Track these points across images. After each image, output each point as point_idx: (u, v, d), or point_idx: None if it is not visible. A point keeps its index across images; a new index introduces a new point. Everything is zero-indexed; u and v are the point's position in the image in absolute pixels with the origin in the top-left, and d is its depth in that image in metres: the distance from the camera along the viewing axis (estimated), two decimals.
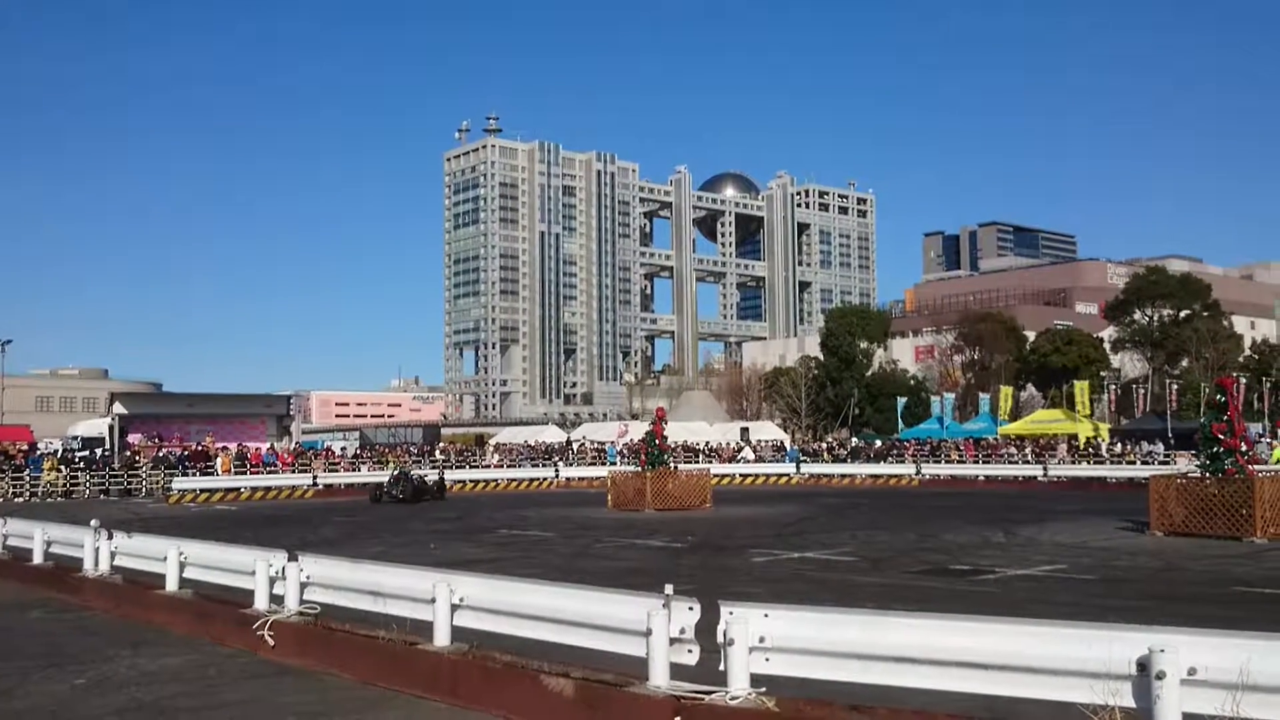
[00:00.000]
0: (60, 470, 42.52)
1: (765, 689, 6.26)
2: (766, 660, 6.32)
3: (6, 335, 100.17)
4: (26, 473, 41.72)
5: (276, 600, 10.14)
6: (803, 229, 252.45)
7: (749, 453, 55.21)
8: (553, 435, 67.18)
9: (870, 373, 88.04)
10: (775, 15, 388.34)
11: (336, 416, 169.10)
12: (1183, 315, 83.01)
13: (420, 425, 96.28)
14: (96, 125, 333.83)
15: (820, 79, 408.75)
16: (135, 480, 43.42)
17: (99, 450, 47.85)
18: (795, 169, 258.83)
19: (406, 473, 38.29)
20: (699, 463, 47.85)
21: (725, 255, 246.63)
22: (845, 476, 47.21)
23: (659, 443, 31.22)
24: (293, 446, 50.96)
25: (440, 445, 61.31)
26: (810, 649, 6.23)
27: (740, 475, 48.23)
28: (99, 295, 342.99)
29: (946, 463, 48.76)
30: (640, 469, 31.19)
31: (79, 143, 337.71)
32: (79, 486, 42.13)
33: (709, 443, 59.57)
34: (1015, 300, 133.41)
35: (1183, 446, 42.81)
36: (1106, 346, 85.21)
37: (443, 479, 40.02)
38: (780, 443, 62.80)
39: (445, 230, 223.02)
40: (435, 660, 8.15)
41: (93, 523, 13.89)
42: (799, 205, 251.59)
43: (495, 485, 45.67)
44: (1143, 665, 5.05)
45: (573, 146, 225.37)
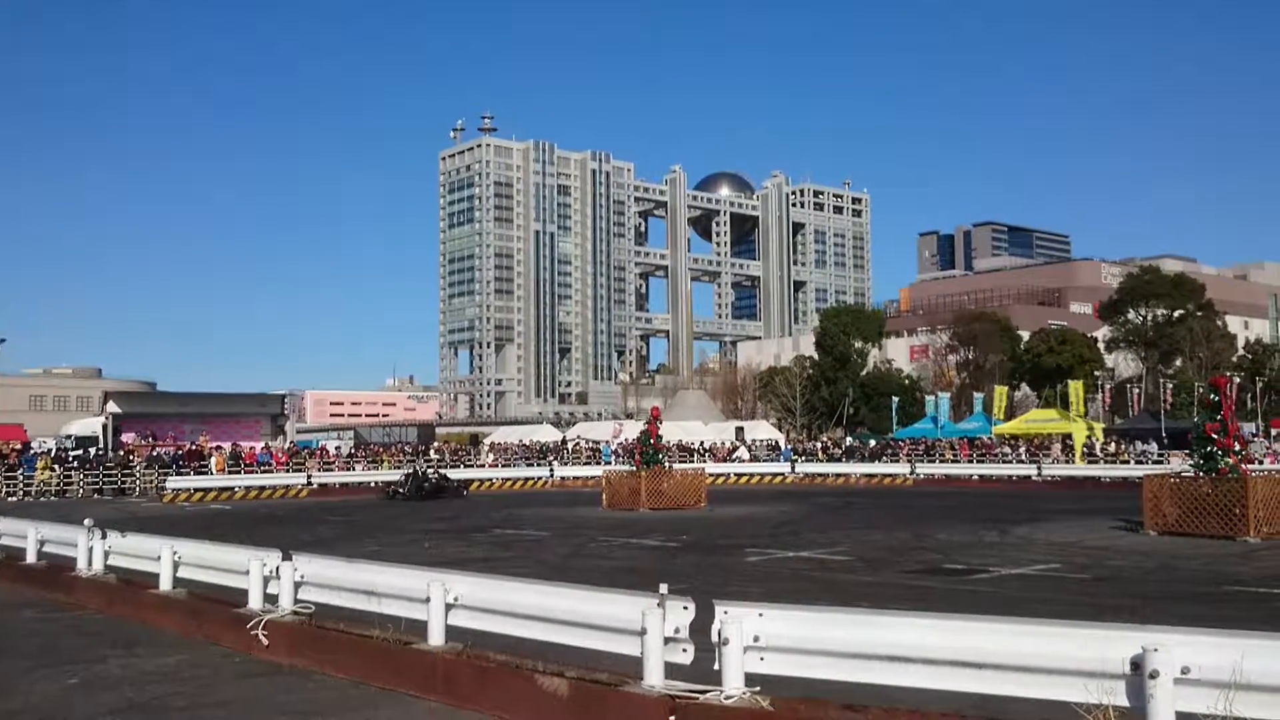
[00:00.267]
0: (54, 469, 42.42)
1: (760, 688, 6.26)
2: (761, 659, 6.33)
3: (0, 334, 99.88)
4: (20, 472, 41.66)
5: (271, 600, 10.11)
6: (798, 228, 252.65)
7: (744, 452, 55.22)
8: (547, 434, 67.11)
9: (865, 372, 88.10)
10: (771, 15, 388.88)
11: (331, 416, 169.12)
12: (1176, 315, 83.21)
13: (415, 424, 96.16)
14: (90, 124, 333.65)
15: (815, 79, 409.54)
16: (129, 479, 43.33)
17: (93, 449, 47.81)
18: (790, 169, 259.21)
19: (419, 470, 38.21)
20: (694, 462, 47.85)
21: (720, 255, 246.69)
22: (840, 476, 47.23)
23: (654, 442, 31.18)
24: (287, 446, 50.94)
25: (435, 445, 61.22)
26: (805, 648, 6.23)
27: (735, 475, 48.21)
28: (93, 294, 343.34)
29: (941, 462, 48.86)
30: (635, 468, 31.14)
31: (72, 141, 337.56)
32: (73, 486, 42.05)
33: (704, 442, 59.57)
34: (1010, 300, 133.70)
35: (1176, 446, 42.91)
36: (1100, 346, 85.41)
37: (450, 478, 39.74)
38: (775, 442, 62.84)
39: (440, 229, 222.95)
40: (430, 659, 8.13)
41: (86, 522, 13.83)
42: (794, 205, 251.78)
43: (490, 484, 45.56)
44: (1136, 664, 5.06)
45: (568, 146, 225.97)
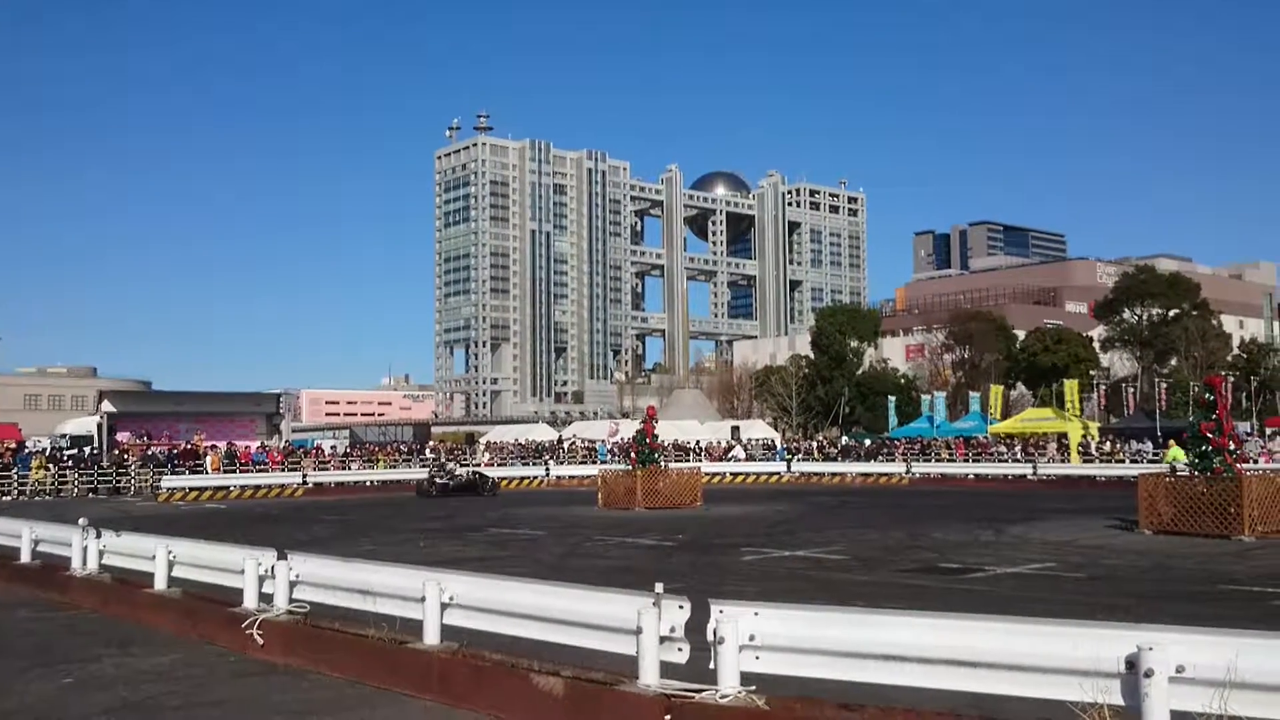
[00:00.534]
0: (49, 468, 42.37)
1: (755, 687, 6.26)
2: (756, 658, 6.32)
3: None
4: (15, 471, 41.57)
5: (266, 599, 10.09)
6: (794, 228, 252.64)
7: (739, 451, 55.25)
8: (543, 434, 67.04)
9: (861, 371, 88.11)
10: (767, 14, 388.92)
11: (326, 415, 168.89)
12: (1172, 314, 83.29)
13: (411, 423, 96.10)
14: (86, 123, 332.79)
15: (812, 78, 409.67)
16: (124, 479, 43.28)
17: (87, 448, 47.72)
18: (786, 168, 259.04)
19: (444, 465, 38.56)
20: (690, 461, 47.91)
21: (716, 254, 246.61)
22: (836, 475, 47.27)
23: (649, 441, 31.20)
24: (282, 445, 50.87)
25: (431, 444, 61.19)
26: (800, 647, 6.23)
27: (731, 474, 48.25)
28: (88, 293, 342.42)
29: (937, 461, 48.93)
30: (631, 467, 31.17)
31: (68, 141, 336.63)
32: (67, 485, 42.00)
33: (700, 441, 59.59)
34: (1005, 299, 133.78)
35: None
36: (1096, 345, 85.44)
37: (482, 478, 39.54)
38: (771, 441, 62.87)
39: (436, 228, 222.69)
40: (425, 659, 8.12)
41: (81, 521, 13.79)
42: (790, 204, 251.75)
43: None
44: (1131, 663, 5.06)
45: (564, 144, 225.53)
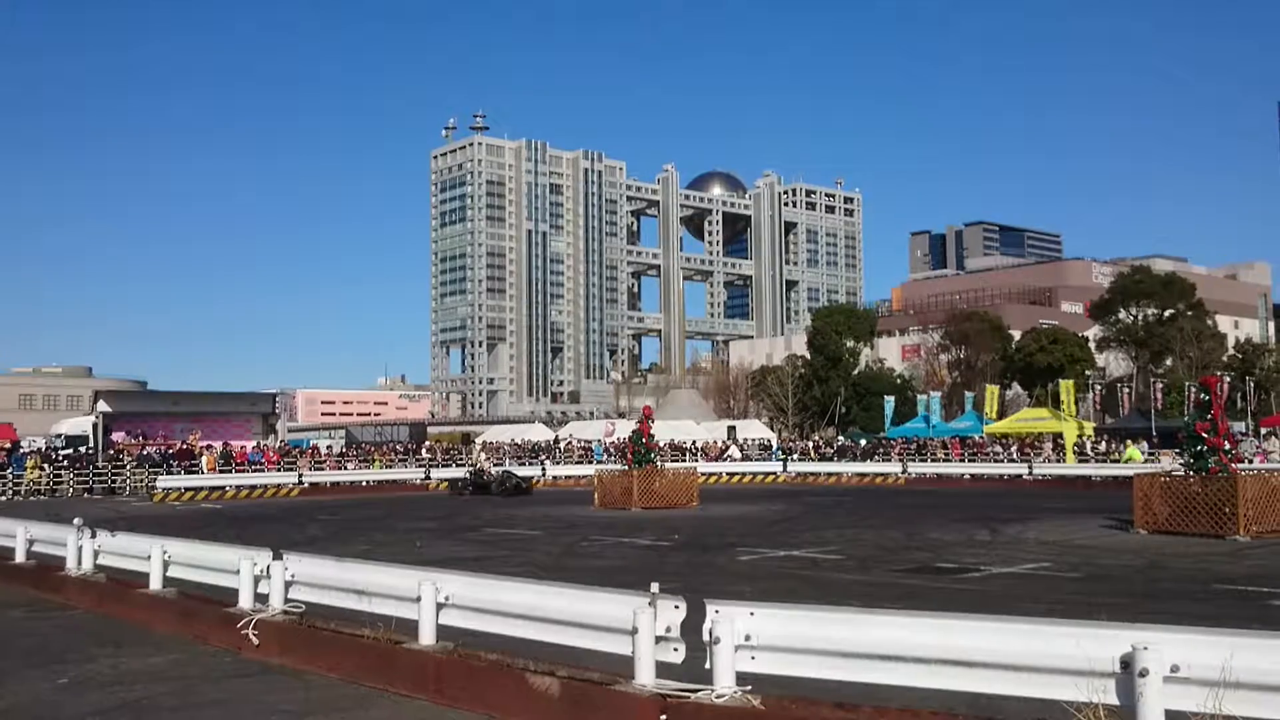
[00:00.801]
0: (44, 468, 42.30)
1: (751, 687, 6.26)
2: (752, 658, 6.32)
3: None
4: (10, 471, 41.52)
5: (261, 599, 10.08)
6: (790, 228, 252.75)
7: (736, 451, 55.28)
8: (539, 433, 67.06)
9: (857, 371, 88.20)
10: (763, 15, 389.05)
11: (322, 415, 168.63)
12: (1167, 314, 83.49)
13: (406, 423, 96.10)
14: (83, 123, 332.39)
15: (807, 78, 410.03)
16: (119, 478, 43.22)
17: (83, 448, 47.63)
18: (782, 168, 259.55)
19: (480, 468, 40.64)
20: (686, 461, 47.91)
21: (712, 254, 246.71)
22: (832, 475, 47.25)
23: (646, 441, 31.18)
24: (278, 445, 50.78)
25: (427, 444, 61.17)
26: (796, 647, 6.23)
27: (727, 474, 48.22)
28: (83, 293, 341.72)
29: (932, 461, 48.94)
30: (627, 467, 31.15)
31: (64, 140, 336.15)
32: (62, 485, 41.92)
33: (696, 441, 59.63)
34: (1001, 299, 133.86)
35: (1167, 445, 43.00)
36: (1091, 345, 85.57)
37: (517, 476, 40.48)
38: (767, 441, 62.91)
39: (432, 228, 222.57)
40: (420, 659, 8.12)
41: (76, 521, 13.78)
42: (786, 204, 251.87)
43: None
44: (1126, 663, 5.06)
45: (560, 144, 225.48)
